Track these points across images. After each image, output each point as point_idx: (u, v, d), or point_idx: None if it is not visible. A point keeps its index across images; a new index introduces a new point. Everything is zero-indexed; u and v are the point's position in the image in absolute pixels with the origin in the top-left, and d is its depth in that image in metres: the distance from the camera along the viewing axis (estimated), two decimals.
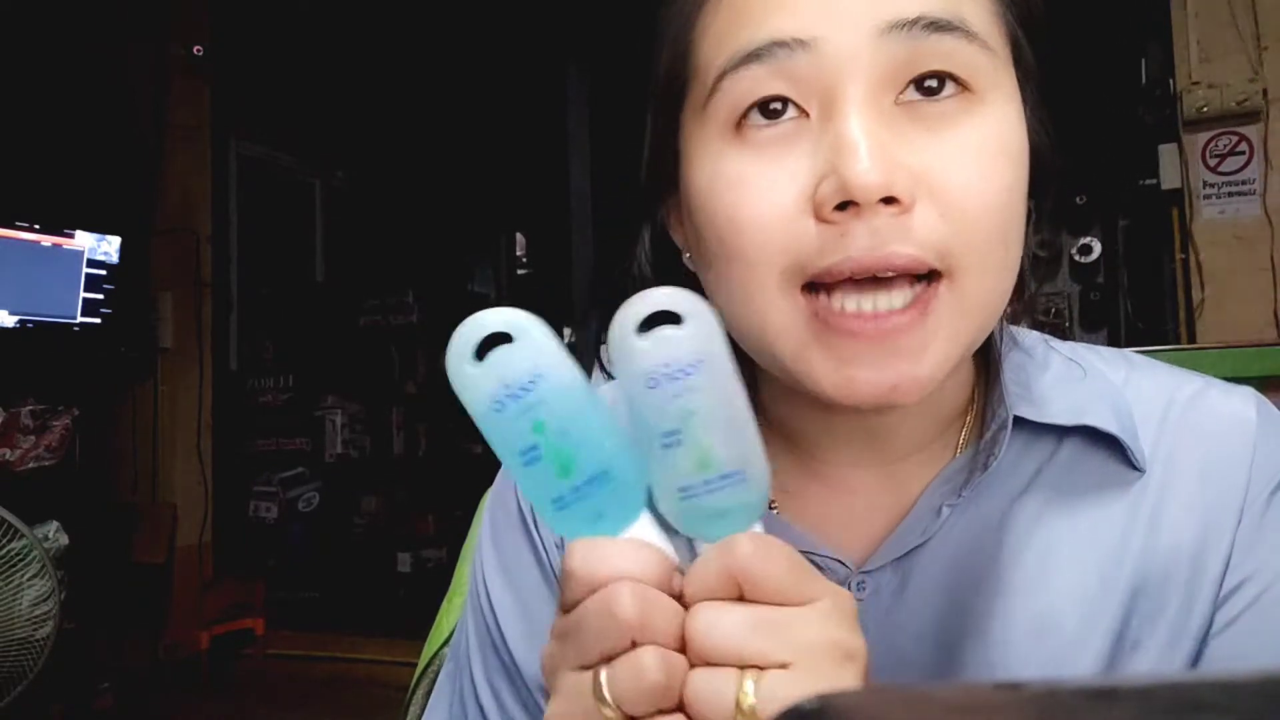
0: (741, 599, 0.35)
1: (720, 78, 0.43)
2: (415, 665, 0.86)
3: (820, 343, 0.43)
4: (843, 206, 0.40)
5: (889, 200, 0.40)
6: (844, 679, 0.34)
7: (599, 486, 0.36)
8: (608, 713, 0.34)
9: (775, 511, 0.52)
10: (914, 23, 0.41)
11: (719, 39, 0.44)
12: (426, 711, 0.62)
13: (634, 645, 0.35)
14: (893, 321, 0.41)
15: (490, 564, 0.58)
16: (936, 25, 0.41)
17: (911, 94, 0.42)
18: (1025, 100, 0.46)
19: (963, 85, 0.42)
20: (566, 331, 5.31)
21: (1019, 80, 0.46)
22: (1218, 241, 2.51)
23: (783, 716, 0.18)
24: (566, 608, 0.37)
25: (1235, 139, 2.50)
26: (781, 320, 0.43)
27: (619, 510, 0.37)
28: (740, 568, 0.35)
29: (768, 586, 0.35)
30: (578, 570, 0.36)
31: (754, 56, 0.42)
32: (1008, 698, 0.18)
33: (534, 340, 0.36)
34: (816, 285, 0.43)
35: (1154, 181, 2.64)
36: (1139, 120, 2.74)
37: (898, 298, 0.42)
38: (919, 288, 0.42)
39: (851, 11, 0.41)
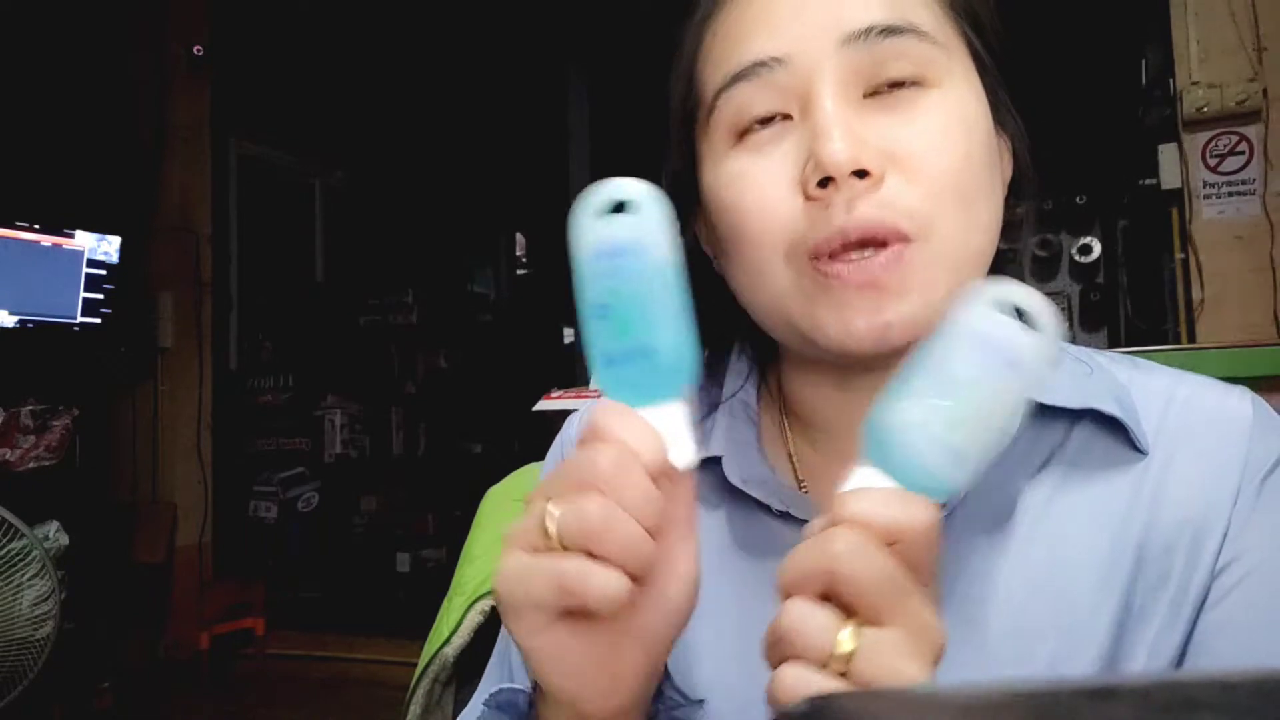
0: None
1: (717, 96, 0.52)
2: (415, 665, 0.86)
3: (822, 296, 0.49)
4: (824, 184, 0.47)
5: (862, 174, 0.47)
6: (930, 665, 0.35)
7: (641, 359, 0.41)
8: (547, 540, 0.39)
9: (805, 491, 0.57)
10: (868, 31, 0.48)
11: (716, 63, 0.53)
12: (479, 689, 0.63)
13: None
14: (875, 263, 0.47)
15: None
16: (888, 30, 0.49)
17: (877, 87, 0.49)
18: (988, 88, 0.53)
19: (918, 82, 0.49)
20: (568, 332, 5.32)
21: (978, 71, 0.52)
22: (1218, 241, 2.51)
23: (782, 717, 0.18)
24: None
25: (1235, 139, 2.50)
26: (787, 285, 0.50)
27: (651, 387, 0.41)
28: (840, 568, 0.36)
29: (864, 593, 0.36)
30: (593, 423, 0.40)
31: (741, 76, 0.50)
32: (1009, 697, 0.18)
33: (648, 215, 0.40)
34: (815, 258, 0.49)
35: (1154, 181, 2.64)
36: (1139, 120, 2.74)
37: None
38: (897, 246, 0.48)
39: (816, 28, 0.49)
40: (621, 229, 0.40)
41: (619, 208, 0.41)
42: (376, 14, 4.01)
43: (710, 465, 0.55)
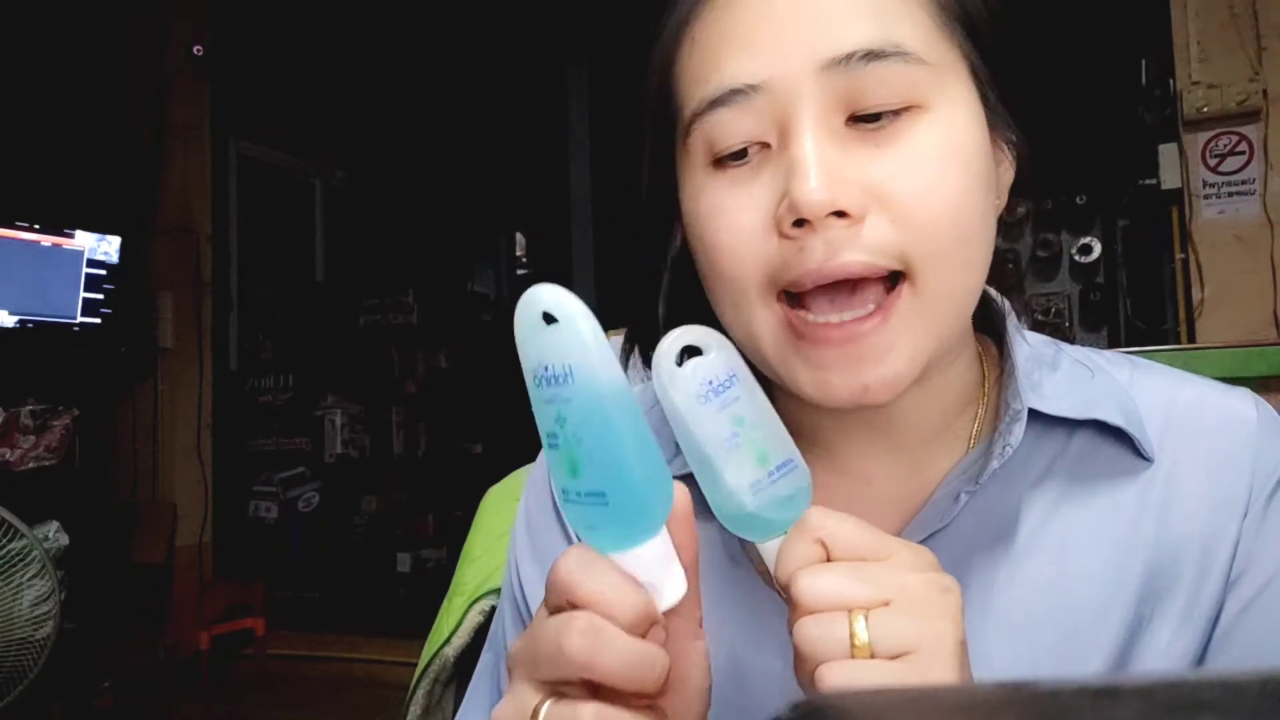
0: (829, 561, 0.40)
1: (693, 120, 0.49)
2: (415, 665, 0.86)
3: (796, 351, 0.47)
4: (799, 223, 0.44)
5: (840, 214, 0.44)
6: (946, 607, 0.38)
7: (595, 503, 0.37)
8: None
9: None
10: (850, 56, 0.45)
11: (692, 81, 0.50)
12: (464, 702, 0.63)
13: (585, 682, 0.36)
14: (858, 327, 0.45)
15: (523, 550, 0.60)
16: (872, 55, 0.45)
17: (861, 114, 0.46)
18: (985, 100, 0.49)
19: (904, 108, 0.46)
20: None
21: (976, 83, 0.49)
22: (1218, 241, 2.51)
23: (782, 717, 0.18)
24: (548, 610, 0.38)
25: (1235, 139, 2.50)
26: (764, 328, 0.48)
27: (611, 533, 0.37)
28: (820, 531, 0.39)
29: (849, 543, 0.39)
30: (558, 579, 0.37)
31: (718, 102, 0.47)
32: (1009, 697, 0.18)
33: (575, 332, 0.36)
34: (792, 294, 0.47)
35: (1154, 181, 2.64)
36: (1139, 120, 2.74)
37: (859, 303, 0.46)
38: (882, 291, 0.46)
39: (795, 52, 0.46)
40: (556, 349, 0.36)
41: (551, 318, 0.37)
42: (376, 14, 4.01)
43: None
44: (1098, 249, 3.04)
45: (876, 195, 0.45)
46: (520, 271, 5.79)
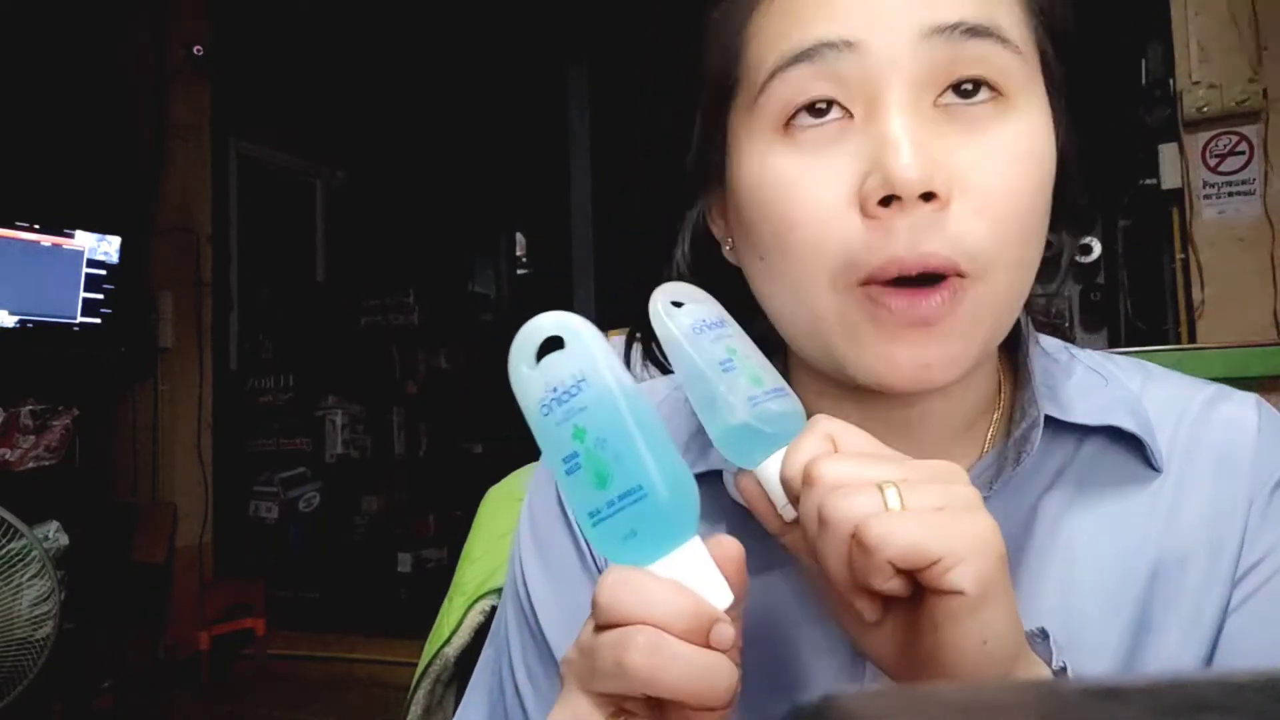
0: None
1: (770, 77, 0.46)
2: (415, 665, 0.86)
3: (868, 329, 0.45)
4: (886, 202, 0.43)
5: (929, 196, 0.42)
6: (960, 476, 0.38)
7: (632, 502, 0.36)
8: None
9: None
10: (953, 28, 0.43)
11: (771, 40, 0.46)
12: (465, 698, 0.63)
13: (646, 696, 0.35)
14: (930, 303, 0.44)
15: (528, 551, 0.60)
16: (974, 30, 0.43)
17: (950, 97, 0.45)
18: (1053, 107, 0.48)
19: (996, 90, 0.45)
20: None
21: (1047, 88, 0.48)
22: (1218, 241, 2.51)
23: (785, 717, 0.18)
24: (596, 628, 0.37)
25: (1235, 139, 2.50)
26: (830, 312, 0.46)
27: (653, 531, 0.37)
28: (830, 430, 0.40)
29: (856, 443, 0.40)
30: (603, 603, 0.36)
31: (803, 56, 0.44)
32: (1011, 697, 0.18)
33: (582, 344, 0.38)
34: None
35: (1154, 181, 2.64)
36: (1139, 120, 2.74)
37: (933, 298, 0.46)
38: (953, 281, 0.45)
39: (895, 16, 0.43)
40: (564, 366, 0.37)
41: (549, 347, 0.38)
42: (376, 14, 4.01)
43: (709, 478, 0.52)
44: (1098, 249, 3.04)
45: (960, 182, 0.43)
46: (520, 271, 5.79)
